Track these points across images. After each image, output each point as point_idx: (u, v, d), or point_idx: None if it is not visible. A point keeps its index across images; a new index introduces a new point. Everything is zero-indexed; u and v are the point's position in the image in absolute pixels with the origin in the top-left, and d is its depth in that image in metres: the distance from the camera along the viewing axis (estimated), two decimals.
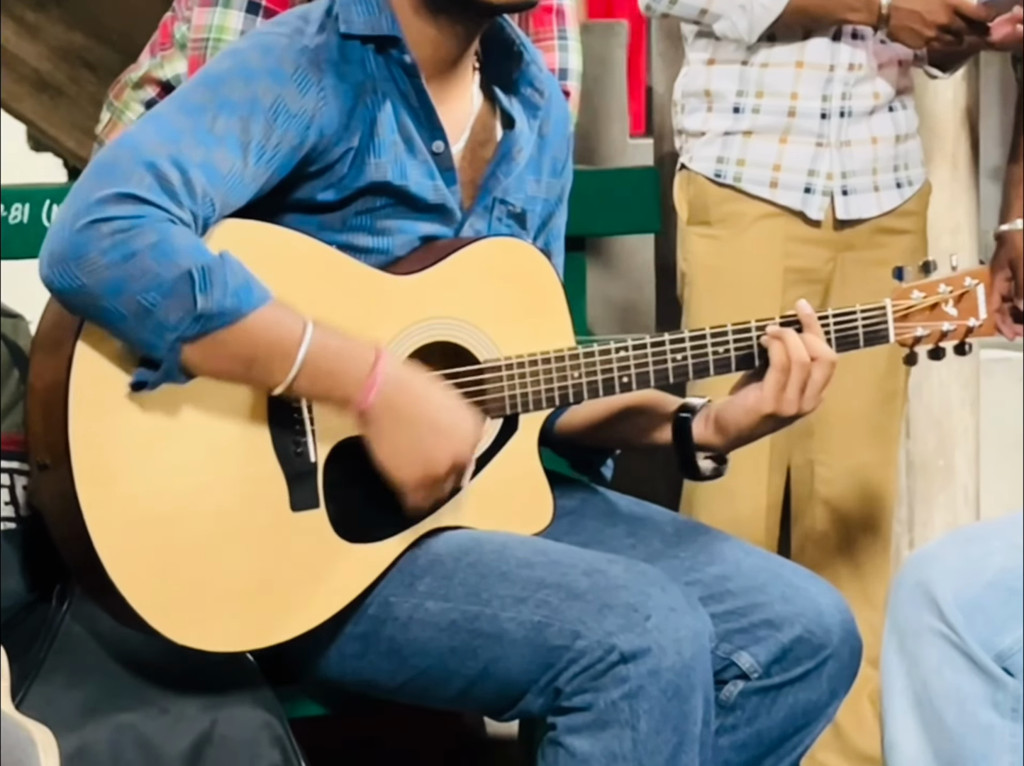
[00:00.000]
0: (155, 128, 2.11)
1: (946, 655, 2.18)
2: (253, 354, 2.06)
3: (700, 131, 2.93)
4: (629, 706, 2.07)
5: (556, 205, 2.42)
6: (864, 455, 3.02)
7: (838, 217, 2.91)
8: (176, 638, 2.10)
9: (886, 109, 2.94)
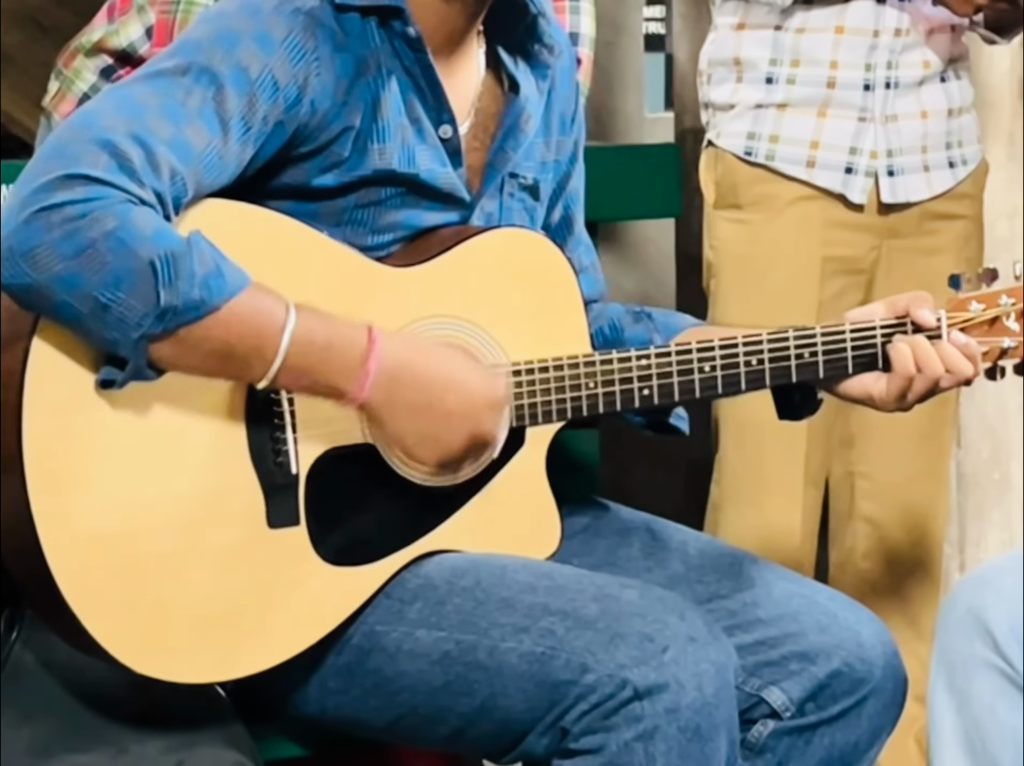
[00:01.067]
0: (115, 102, 2.11)
1: (1001, 690, 2.20)
2: (229, 348, 2.06)
3: (729, 104, 2.95)
4: (644, 749, 2.08)
5: (571, 164, 2.44)
6: (910, 467, 3.03)
7: (883, 200, 2.93)
8: (137, 668, 2.11)
9: (937, 79, 2.95)
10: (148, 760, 2.15)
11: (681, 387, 2.24)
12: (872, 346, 2.24)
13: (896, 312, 2.25)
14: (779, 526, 2.93)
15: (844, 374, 2.25)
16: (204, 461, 2.14)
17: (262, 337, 2.05)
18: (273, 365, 2.05)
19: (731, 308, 2.92)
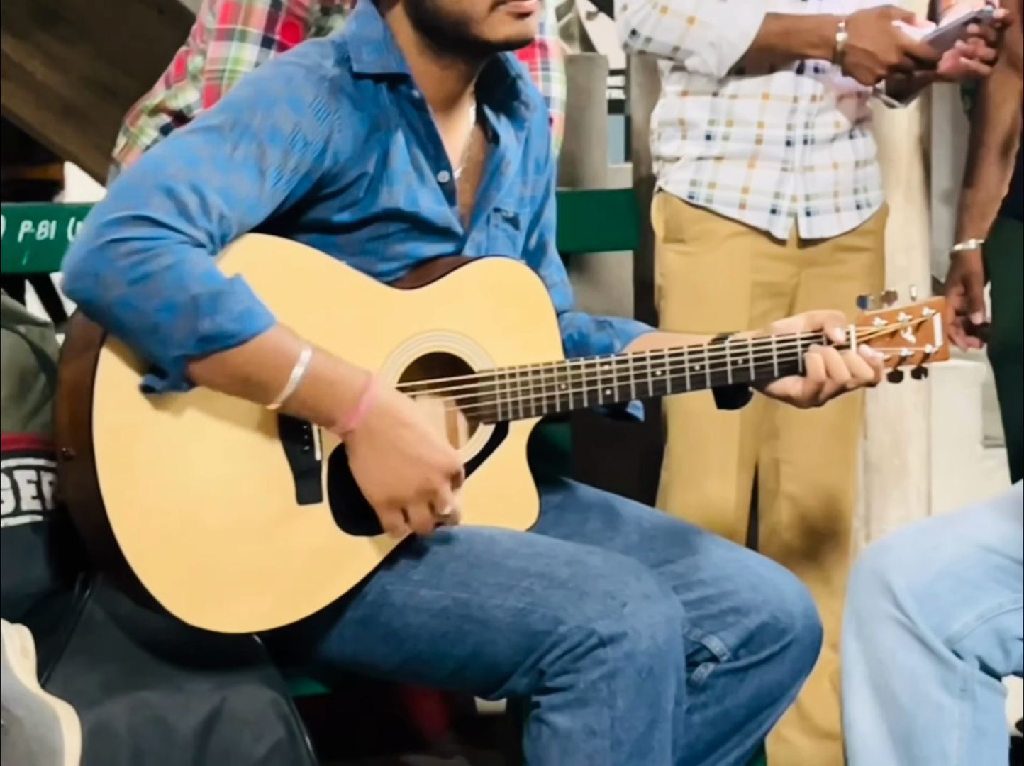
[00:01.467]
0: (176, 153, 2.10)
1: (900, 639, 2.19)
2: (250, 374, 2.06)
3: (675, 156, 2.93)
4: (607, 686, 2.07)
5: (544, 198, 2.42)
6: (825, 455, 3.02)
7: (802, 236, 2.91)
8: (189, 620, 2.10)
9: (846, 137, 2.94)
10: (198, 696, 2.12)
11: (637, 388, 2.23)
12: (793, 355, 2.22)
13: (814, 326, 2.24)
14: (717, 503, 2.92)
15: (770, 377, 2.24)
16: (245, 449, 2.13)
17: (278, 369, 2.05)
18: (283, 393, 2.06)
19: (678, 324, 2.90)
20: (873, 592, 2.21)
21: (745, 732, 2.29)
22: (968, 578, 2.19)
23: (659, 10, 2.81)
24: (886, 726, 2.21)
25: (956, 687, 2.18)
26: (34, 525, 2.27)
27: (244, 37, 2.70)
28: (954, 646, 2.17)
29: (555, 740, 2.09)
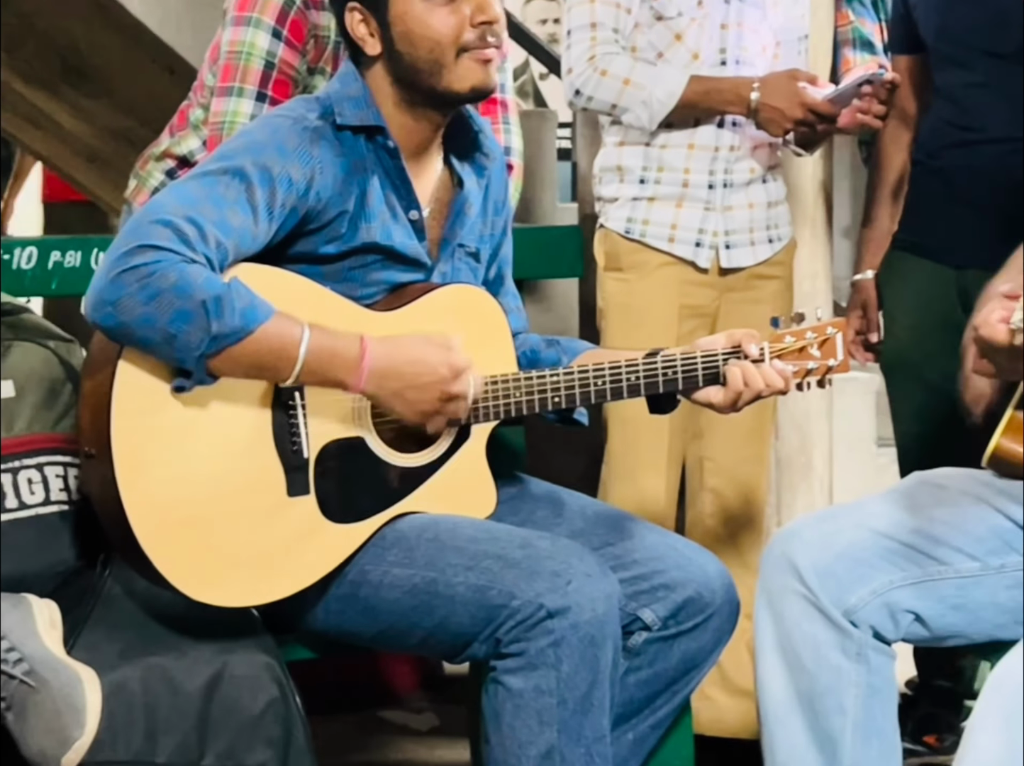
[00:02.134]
0: (175, 195, 2.10)
1: (804, 611, 2.19)
2: (263, 359, 2.06)
3: (614, 197, 2.92)
4: (554, 652, 2.06)
5: (502, 236, 2.41)
6: (742, 453, 3.01)
7: (722, 266, 2.90)
8: (195, 595, 2.09)
9: (760, 181, 2.93)
10: (202, 661, 2.10)
11: (581, 396, 2.22)
12: (715, 367, 2.22)
13: (733, 342, 2.23)
14: (650, 494, 2.91)
15: (695, 386, 2.24)
16: (242, 448, 2.12)
17: (286, 349, 2.05)
18: (295, 369, 2.06)
19: (616, 341, 2.89)
20: (782, 571, 2.21)
21: (673, 691, 2.29)
22: (863, 559, 2.19)
23: (599, 73, 2.80)
24: (793, 686, 2.20)
25: (852, 652, 2.18)
26: (61, 513, 2.25)
27: (241, 93, 2.69)
28: (851, 617, 2.17)
29: (509, 698, 2.09)
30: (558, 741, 2.08)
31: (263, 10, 2.66)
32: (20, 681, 1.90)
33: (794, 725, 2.21)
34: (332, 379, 2.10)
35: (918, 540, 2.20)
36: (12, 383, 2.23)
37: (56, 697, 1.92)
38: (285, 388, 2.10)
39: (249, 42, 2.67)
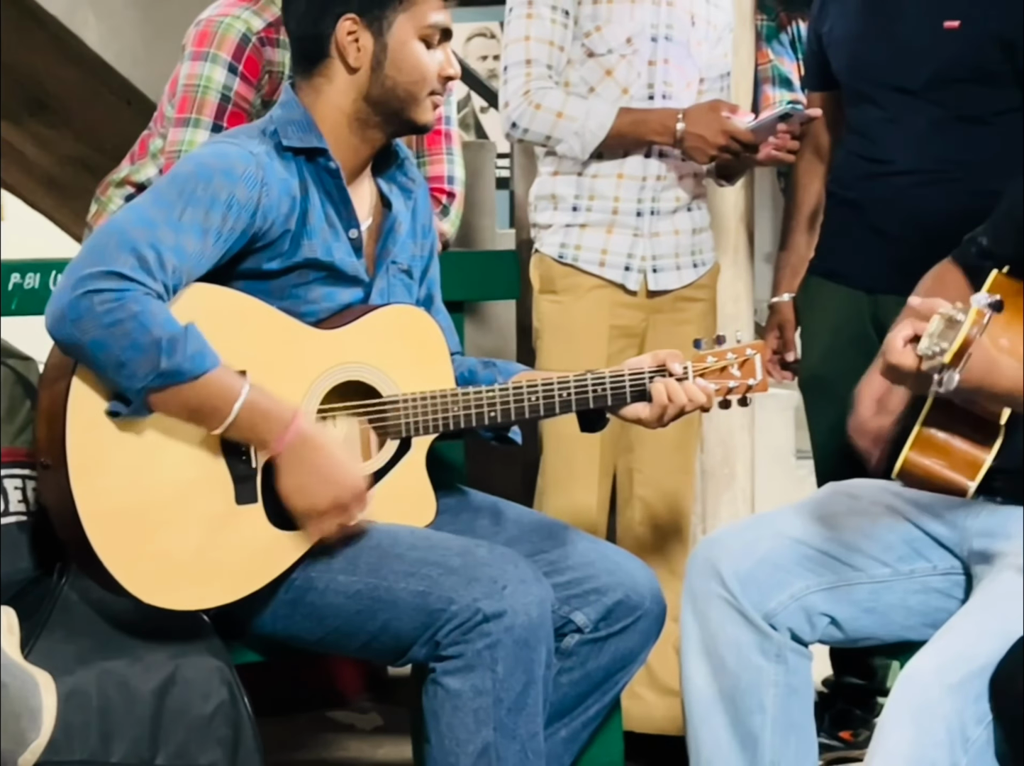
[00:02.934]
0: (136, 217, 2.09)
1: (727, 614, 2.19)
2: (201, 404, 2.05)
3: (548, 224, 2.93)
4: (490, 654, 2.06)
5: (430, 258, 2.41)
6: (669, 465, 3.01)
7: (649, 289, 2.91)
8: (147, 599, 2.08)
9: (685, 209, 2.94)
10: (156, 665, 2.09)
11: (516, 411, 2.22)
12: (642, 385, 2.22)
13: (658, 362, 2.24)
14: (582, 505, 2.91)
15: (624, 403, 2.24)
16: (192, 459, 2.11)
17: (222, 401, 2.05)
18: (226, 422, 2.05)
19: (551, 360, 2.90)
20: (706, 576, 2.21)
21: (604, 690, 2.29)
22: (782, 565, 2.19)
23: (534, 106, 2.81)
24: (716, 685, 2.20)
25: (772, 653, 2.18)
26: (19, 524, 2.23)
27: (197, 124, 2.67)
28: (770, 620, 2.17)
29: (448, 699, 2.08)
30: (494, 739, 2.08)
31: (220, 46, 2.66)
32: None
33: (717, 722, 2.20)
34: (256, 436, 2.09)
35: (833, 547, 2.21)
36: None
37: (13, 700, 1.90)
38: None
39: (206, 76, 2.66)
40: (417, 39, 2.20)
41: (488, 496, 2.42)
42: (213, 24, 2.67)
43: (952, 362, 1.85)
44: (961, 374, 1.87)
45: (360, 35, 2.19)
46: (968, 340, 1.85)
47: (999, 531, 2.15)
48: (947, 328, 1.86)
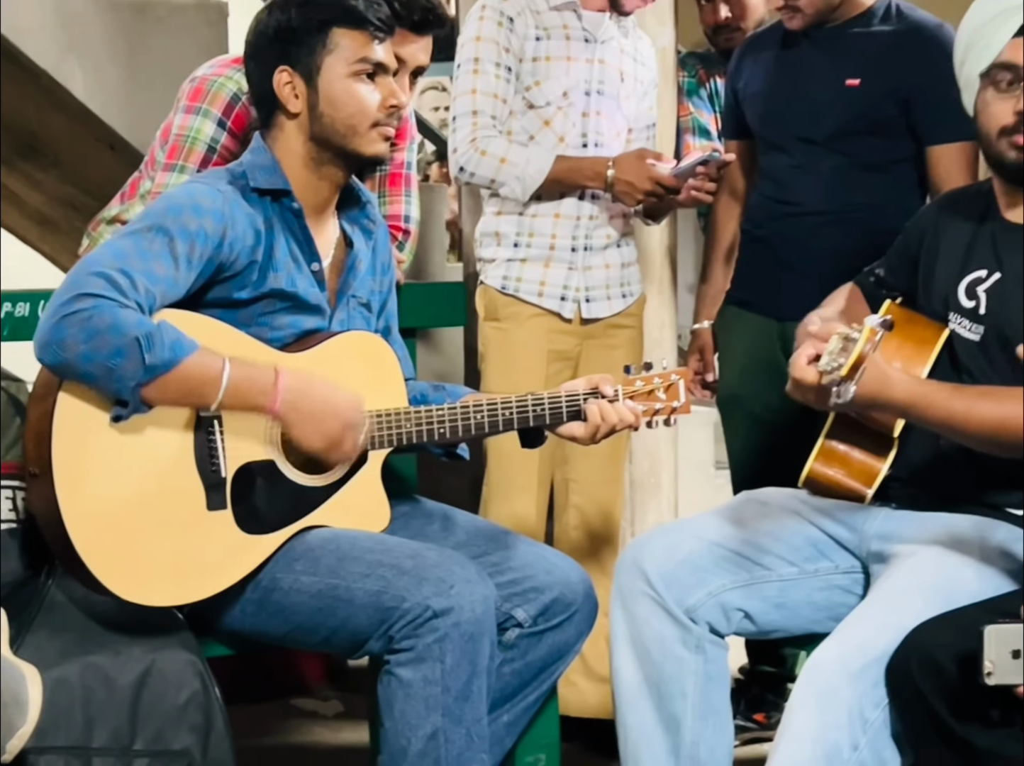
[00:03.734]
0: (108, 250, 2.07)
1: (652, 610, 2.19)
2: (191, 386, 2.04)
3: (492, 258, 2.93)
4: (439, 647, 2.05)
5: (388, 293, 2.40)
6: (601, 475, 3.01)
7: (583, 317, 2.91)
8: (125, 596, 2.06)
9: (615, 246, 2.95)
10: (134, 659, 2.06)
11: (463, 429, 2.21)
12: (577, 406, 2.22)
13: (592, 385, 2.24)
14: (522, 512, 2.90)
15: (560, 422, 2.23)
16: (168, 468, 2.09)
17: (211, 377, 2.04)
18: (219, 394, 2.03)
19: (494, 380, 2.89)
20: (633, 576, 2.21)
21: (542, 679, 2.28)
22: (701, 565, 2.20)
23: (479, 153, 2.81)
24: (642, 673, 2.21)
25: (692, 645, 2.18)
26: (10, 531, 2.21)
27: (183, 170, 2.65)
28: (690, 615, 2.18)
29: (400, 688, 2.07)
30: (442, 724, 2.07)
31: (212, 102, 2.64)
32: None
33: (643, 707, 2.21)
34: (251, 403, 2.07)
35: (746, 549, 2.22)
36: None
37: (2, 691, 1.87)
38: (206, 416, 2.08)
39: (196, 128, 2.64)
40: (349, 76, 2.17)
41: (438, 504, 2.41)
42: (207, 82, 2.65)
43: (848, 375, 1.87)
44: (856, 386, 1.89)
45: (295, 83, 2.18)
46: (862, 356, 1.87)
47: (894, 534, 2.17)
48: (844, 346, 1.88)
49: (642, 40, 2.97)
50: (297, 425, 2.09)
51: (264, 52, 2.20)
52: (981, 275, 2.18)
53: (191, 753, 2.06)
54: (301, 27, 2.17)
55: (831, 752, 1.94)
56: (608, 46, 2.89)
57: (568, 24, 2.86)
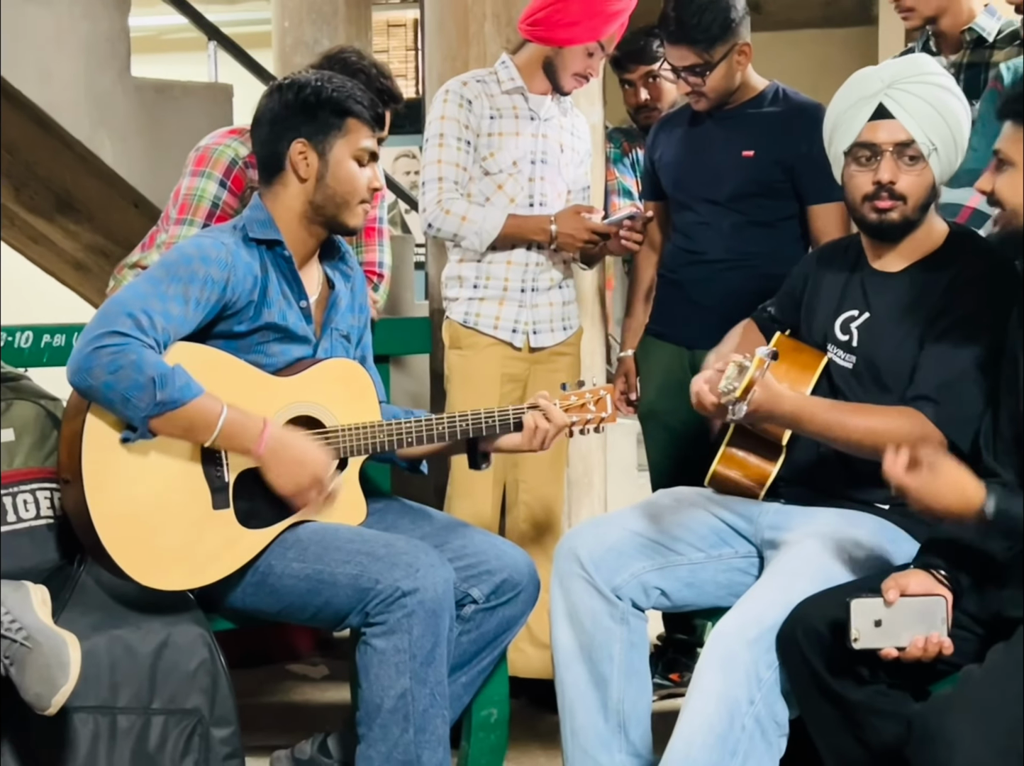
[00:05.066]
0: (132, 292, 2.07)
1: (585, 589, 2.19)
2: (191, 425, 2.03)
3: (456, 297, 2.93)
4: (407, 621, 2.05)
5: (364, 328, 2.39)
6: (545, 476, 3.01)
7: (531, 346, 2.91)
8: (145, 582, 2.05)
9: (558, 287, 2.95)
10: (152, 632, 2.06)
11: (427, 437, 2.21)
12: (520, 417, 2.22)
13: (532, 401, 2.25)
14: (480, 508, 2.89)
15: (508, 430, 2.23)
16: (178, 475, 2.08)
17: (209, 419, 2.03)
18: (213, 435, 2.03)
19: (458, 398, 2.89)
20: (569, 560, 2.21)
21: (494, 646, 2.28)
22: (625, 551, 2.20)
23: (444, 212, 2.81)
24: (576, 641, 2.20)
25: (618, 617, 2.18)
26: (48, 525, 2.18)
27: (192, 223, 2.64)
28: (616, 593, 2.18)
29: (375, 655, 2.07)
30: (410, 685, 2.06)
31: (214, 167, 2.64)
32: (20, 644, 1.84)
33: (577, 669, 2.21)
34: (239, 445, 2.07)
35: (662, 538, 2.22)
36: (12, 430, 2.17)
37: (47, 655, 1.85)
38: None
39: (202, 188, 2.64)
40: (351, 159, 2.19)
41: (407, 502, 2.40)
42: (210, 150, 2.65)
43: (741, 396, 1.89)
44: (748, 405, 1.90)
45: (308, 154, 2.18)
46: (752, 381, 1.88)
47: (783, 525, 2.18)
48: (738, 372, 1.90)
49: (578, 117, 2.99)
50: (274, 470, 2.08)
51: (284, 122, 2.18)
52: (854, 314, 2.20)
53: (200, 711, 2.06)
54: (324, 111, 2.16)
55: (732, 706, 1.94)
56: (550, 123, 2.90)
57: (517, 105, 2.87)
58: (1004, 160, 1.84)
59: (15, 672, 1.83)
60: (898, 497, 1.85)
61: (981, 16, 2.60)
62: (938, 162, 2.09)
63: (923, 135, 2.07)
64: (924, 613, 1.80)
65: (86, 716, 2.00)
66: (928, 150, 2.07)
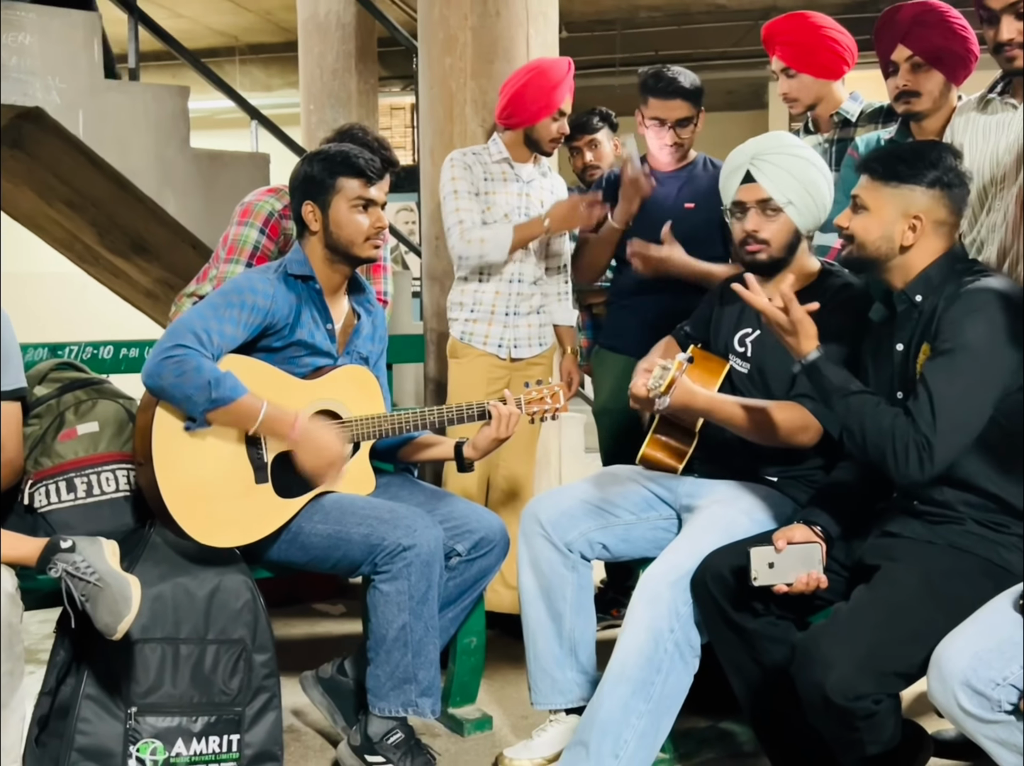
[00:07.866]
0: (196, 314, 2.08)
1: (544, 544, 2.20)
2: (238, 416, 2.03)
3: (456, 318, 2.90)
4: (407, 570, 2.05)
5: (380, 356, 2.39)
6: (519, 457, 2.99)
7: (512, 358, 2.90)
8: (203, 541, 2.05)
9: (536, 312, 2.93)
10: (207, 580, 2.05)
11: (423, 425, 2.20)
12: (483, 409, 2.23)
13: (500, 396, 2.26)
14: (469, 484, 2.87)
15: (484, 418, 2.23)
16: (228, 456, 2.08)
17: (252, 412, 2.04)
18: (255, 425, 2.04)
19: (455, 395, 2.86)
20: (532, 522, 2.22)
21: (473, 589, 2.28)
22: (575, 515, 2.21)
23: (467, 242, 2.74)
24: (537, 584, 2.21)
25: (570, 566, 2.19)
26: (125, 497, 2.17)
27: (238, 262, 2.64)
28: (568, 547, 2.19)
29: (381, 597, 2.08)
30: (408, 619, 2.07)
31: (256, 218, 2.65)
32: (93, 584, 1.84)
33: (538, 606, 2.21)
34: (277, 432, 2.07)
35: (604, 504, 2.23)
36: (96, 423, 2.18)
37: (115, 592, 1.84)
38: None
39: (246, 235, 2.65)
40: (350, 208, 2.18)
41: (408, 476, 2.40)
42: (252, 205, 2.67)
43: (664, 392, 1.91)
44: (671, 399, 1.92)
45: (314, 211, 2.19)
46: (673, 379, 1.91)
47: (696, 494, 2.20)
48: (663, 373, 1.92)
49: (557, 179, 3.00)
50: (301, 452, 2.09)
51: (297, 191, 2.21)
52: (748, 331, 2.23)
53: (245, 641, 2.06)
54: (318, 176, 2.18)
55: (657, 634, 1.97)
56: (532, 184, 2.91)
57: (505, 171, 2.88)
58: (860, 205, 1.87)
59: (90, 607, 1.83)
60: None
61: (847, 102, 2.64)
62: (797, 212, 2.12)
63: (779, 192, 2.10)
64: (805, 557, 1.83)
65: (155, 645, 2.00)
66: (784, 203, 2.10)
